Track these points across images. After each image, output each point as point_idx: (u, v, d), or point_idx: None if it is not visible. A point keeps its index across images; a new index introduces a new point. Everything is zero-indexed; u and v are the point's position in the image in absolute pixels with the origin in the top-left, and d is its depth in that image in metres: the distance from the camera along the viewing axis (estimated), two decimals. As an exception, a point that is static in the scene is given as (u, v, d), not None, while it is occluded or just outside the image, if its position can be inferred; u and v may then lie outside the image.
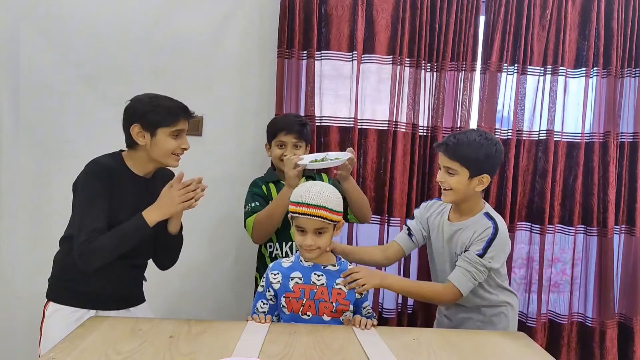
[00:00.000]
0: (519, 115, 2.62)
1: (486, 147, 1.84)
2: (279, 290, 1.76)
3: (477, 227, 1.87)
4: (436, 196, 2.59)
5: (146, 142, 1.77)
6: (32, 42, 2.60)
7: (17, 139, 2.63)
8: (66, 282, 1.80)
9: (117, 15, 2.60)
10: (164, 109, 1.77)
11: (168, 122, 1.76)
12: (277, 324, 1.76)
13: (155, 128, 1.76)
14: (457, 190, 1.87)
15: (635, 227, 2.65)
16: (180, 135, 1.81)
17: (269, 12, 2.59)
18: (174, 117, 1.77)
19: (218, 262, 2.69)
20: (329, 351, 1.54)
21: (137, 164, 1.82)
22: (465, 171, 1.84)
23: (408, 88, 2.57)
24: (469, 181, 1.85)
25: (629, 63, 2.61)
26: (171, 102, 1.80)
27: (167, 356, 1.47)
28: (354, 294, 1.77)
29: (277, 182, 2.23)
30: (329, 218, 1.70)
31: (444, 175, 1.89)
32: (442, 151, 1.88)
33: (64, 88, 2.62)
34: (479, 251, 1.84)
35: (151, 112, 1.76)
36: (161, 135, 1.77)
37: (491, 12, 2.56)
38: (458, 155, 1.84)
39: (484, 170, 1.85)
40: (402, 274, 2.60)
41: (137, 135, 1.77)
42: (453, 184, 1.86)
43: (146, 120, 1.76)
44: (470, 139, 1.85)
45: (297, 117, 2.30)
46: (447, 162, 1.87)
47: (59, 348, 1.49)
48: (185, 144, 1.82)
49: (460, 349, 1.63)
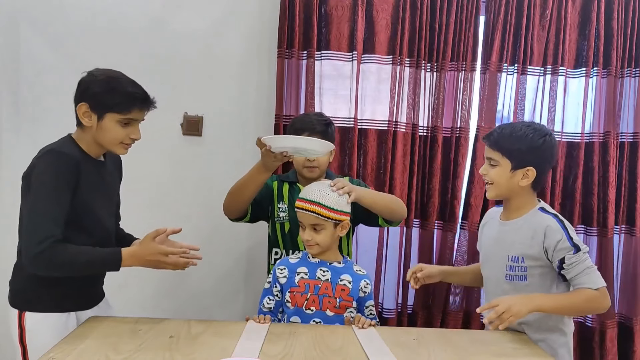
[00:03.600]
0: (519, 115, 2.61)
1: (532, 138, 1.72)
2: (285, 285, 1.79)
3: (535, 225, 1.73)
4: (436, 196, 2.60)
5: (92, 125, 1.60)
6: (32, 42, 2.60)
7: (17, 139, 2.63)
8: (40, 286, 1.62)
9: (117, 16, 2.60)
10: (119, 94, 1.59)
11: (119, 108, 1.59)
12: (277, 324, 1.76)
13: (104, 112, 1.59)
14: (499, 184, 1.76)
15: (635, 227, 2.64)
16: (132, 124, 1.63)
17: (269, 12, 2.59)
18: (128, 105, 1.59)
19: (218, 262, 2.69)
20: (329, 351, 1.54)
21: (88, 145, 1.66)
22: (506, 162, 1.74)
23: (408, 88, 2.57)
24: (511, 174, 1.74)
25: (629, 63, 2.61)
26: (130, 88, 1.62)
27: (167, 356, 1.47)
28: (358, 291, 1.78)
29: (293, 183, 2.11)
30: (323, 215, 1.74)
31: (486, 168, 1.80)
32: (486, 141, 1.80)
33: (64, 88, 2.61)
34: (572, 249, 1.67)
35: (103, 94, 1.58)
36: (109, 121, 1.60)
37: (491, 12, 2.56)
38: (500, 145, 1.75)
39: (529, 162, 1.73)
40: (402, 271, 2.60)
41: (83, 114, 1.61)
42: (494, 177, 1.76)
43: (96, 100, 1.59)
44: (515, 129, 1.76)
45: (320, 116, 2.13)
46: (488, 152, 1.78)
47: (59, 348, 1.49)
48: (135, 134, 1.65)
49: (460, 349, 1.63)
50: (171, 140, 2.64)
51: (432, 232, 2.61)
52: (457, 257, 2.64)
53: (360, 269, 1.86)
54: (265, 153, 1.84)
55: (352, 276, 1.81)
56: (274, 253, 2.12)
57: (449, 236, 2.61)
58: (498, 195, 1.80)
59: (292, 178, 2.13)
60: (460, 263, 2.63)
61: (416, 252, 2.62)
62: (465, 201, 2.61)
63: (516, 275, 1.77)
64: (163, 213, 2.58)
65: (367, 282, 1.82)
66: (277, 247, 2.12)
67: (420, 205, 2.62)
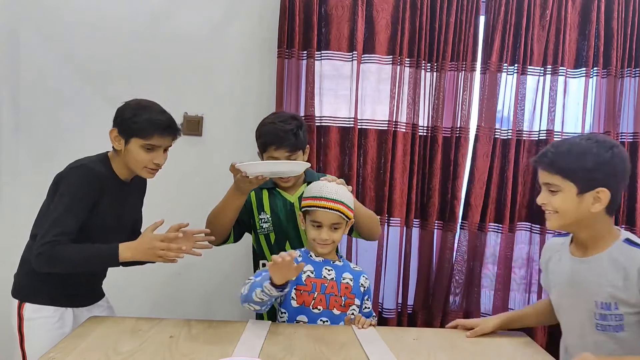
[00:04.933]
0: (519, 115, 2.61)
1: (596, 153, 1.43)
2: (291, 282, 1.72)
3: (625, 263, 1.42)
4: (436, 196, 2.59)
5: (121, 148, 1.75)
6: (32, 42, 2.60)
7: (17, 139, 2.63)
8: (42, 282, 1.73)
9: (117, 16, 2.60)
10: (143, 120, 1.71)
11: (142, 134, 1.71)
12: (277, 324, 1.76)
13: (130, 137, 1.72)
14: (565, 213, 1.47)
15: (635, 227, 2.64)
16: (155, 149, 1.74)
17: (269, 12, 2.59)
18: (149, 131, 1.71)
19: (219, 262, 2.68)
20: (329, 351, 1.54)
21: (119, 167, 1.79)
22: (570, 186, 1.45)
23: (408, 88, 2.57)
24: (578, 199, 1.44)
25: (629, 63, 2.60)
26: (155, 115, 1.73)
27: (167, 356, 1.47)
28: (360, 289, 1.79)
29: (272, 189, 2.05)
30: (345, 213, 1.77)
31: (546, 196, 1.50)
32: (540, 164, 1.51)
33: (64, 88, 2.62)
34: None
35: (130, 120, 1.71)
36: (133, 145, 1.73)
37: (491, 12, 2.56)
38: (558, 166, 1.46)
39: (598, 182, 1.43)
40: (402, 271, 2.60)
41: (114, 139, 1.75)
42: (557, 205, 1.47)
43: (123, 126, 1.73)
44: (572, 144, 1.48)
45: (286, 123, 1.93)
46: (546, 177, 1.49)
47: (59, 348, 1.49)
48: (158, 159, 1.75)
49: (460, 349, 1.63)
50: (171, 140, 2.64)
51: (432, 232, 2.61)
52: (457, 257, 2.64)
53: (355, 265, 1.91)
54: (240, 179, 1.81)
55: (352, 273, 1.83)
56: (262, 265, 1.97)
57: (449, 236, 2.61)
58: (564, 226, 1.52)
59: (269, 184, 2.04)
60: (460, 263, 2.63)
61: (416, 252, 2.62)
62: (465, 201, 2.61)
63: (610, 325, 1.48)
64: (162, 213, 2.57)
65: (366, 278, 1.86)
66: (264, 259, 2.00)
67: (420, 205, 2.62)
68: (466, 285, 2.64)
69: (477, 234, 2.61)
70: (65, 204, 1.65)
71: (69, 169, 1.73)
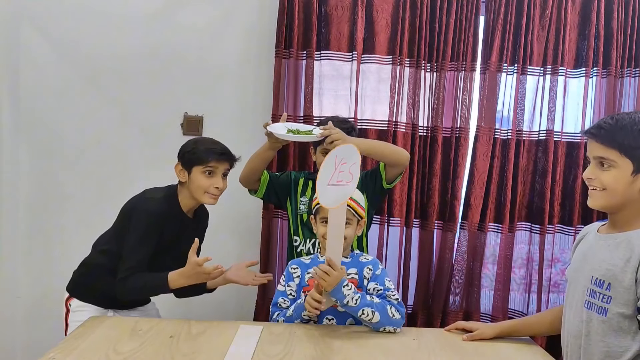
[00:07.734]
0: (519, 115, 2.61)
1: None
2: (299, 285, 1.81)
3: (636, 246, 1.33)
4: (436, 196, 2.59)
5: (185, 180, 1.94)
6: (32, 42, 2.60)
7: (17, 139, 2.63)
8: (89, 285, 1.96)
9: (116, 16, 2.60)
10: (200, 150, 1.93)
11: (200, 161, 1.91)
12: (277, 324, 1.76)
13: (191, 166, 1.92)
14: (613, 191, 1.36)
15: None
16: (214, 174, 1.93)
17: (268, 12, 2.59)
18: (206, 156, 1.92)
19: (221, 262, 2.68)
20: (329, 351, 1.54)
21: (184, 199, 1.97)
22: (627, 164, 1.33)
23: (408, 88, 2.57)
24: (632, 178, 1.34)
25: (629, 63, 2.60)
26: (210, 145, 1.96)
27: (167, 356, 1.47)
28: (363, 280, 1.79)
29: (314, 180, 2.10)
30: (354, 208, 1.78)
31: (594, 170, 1.39)
32: (594, 137, 1.38)
33: (64, 88, 2.62)
34: None
35: (190, 152, 1.93)
36: (195, 173, 1.92)
37: (491, 12, 2.56)
38: (617, 140, 1.34)
39: None
40: (402, 271, 2.60)
41: (179, 173, 1.95)
42: (608, 181, 1.36)
43: (185, 159, 1.94)
44: (635, 119, 1.35)
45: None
46: (600, 150, 1.37)
47: (59, 348, 1.49)
48: (217, 184, 1.93)
49: (460, 350, 1.63)
50: (171, 140, 2.62)
51: (432, 232, 2.61)
52: (457, 257, 2.64)
53: (366, 257, 1.87)
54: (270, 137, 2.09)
55: (357, 266, 1.82)
56: (294, 241, 2.24)
57: (449, 236, 2.61)
58: (608, 206, 1.40)
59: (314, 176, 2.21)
60: (460, 263, 2.63)
61: (416, 252, 2.62)
62: (465, 201, 2.61)
63: (595, 304, 1.39)
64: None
65: (370, 268, 1.80)
66: (297, 236, 2.23)
67: (420, 205, 2.62)
68: (466, 285, 2.64)
69: (477, 234, 2.61)
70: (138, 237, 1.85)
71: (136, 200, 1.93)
